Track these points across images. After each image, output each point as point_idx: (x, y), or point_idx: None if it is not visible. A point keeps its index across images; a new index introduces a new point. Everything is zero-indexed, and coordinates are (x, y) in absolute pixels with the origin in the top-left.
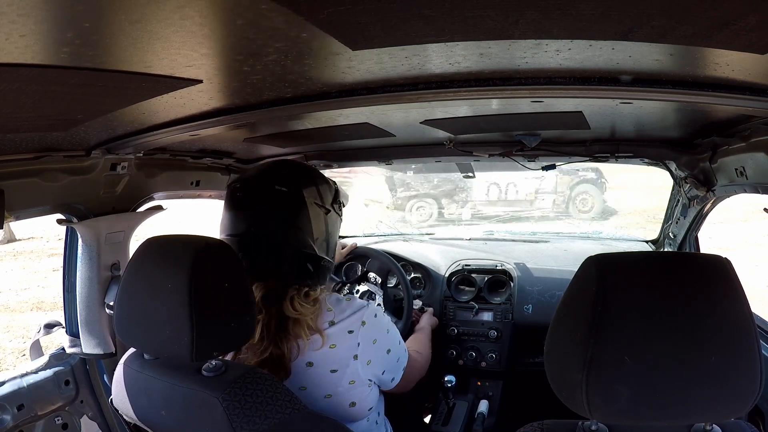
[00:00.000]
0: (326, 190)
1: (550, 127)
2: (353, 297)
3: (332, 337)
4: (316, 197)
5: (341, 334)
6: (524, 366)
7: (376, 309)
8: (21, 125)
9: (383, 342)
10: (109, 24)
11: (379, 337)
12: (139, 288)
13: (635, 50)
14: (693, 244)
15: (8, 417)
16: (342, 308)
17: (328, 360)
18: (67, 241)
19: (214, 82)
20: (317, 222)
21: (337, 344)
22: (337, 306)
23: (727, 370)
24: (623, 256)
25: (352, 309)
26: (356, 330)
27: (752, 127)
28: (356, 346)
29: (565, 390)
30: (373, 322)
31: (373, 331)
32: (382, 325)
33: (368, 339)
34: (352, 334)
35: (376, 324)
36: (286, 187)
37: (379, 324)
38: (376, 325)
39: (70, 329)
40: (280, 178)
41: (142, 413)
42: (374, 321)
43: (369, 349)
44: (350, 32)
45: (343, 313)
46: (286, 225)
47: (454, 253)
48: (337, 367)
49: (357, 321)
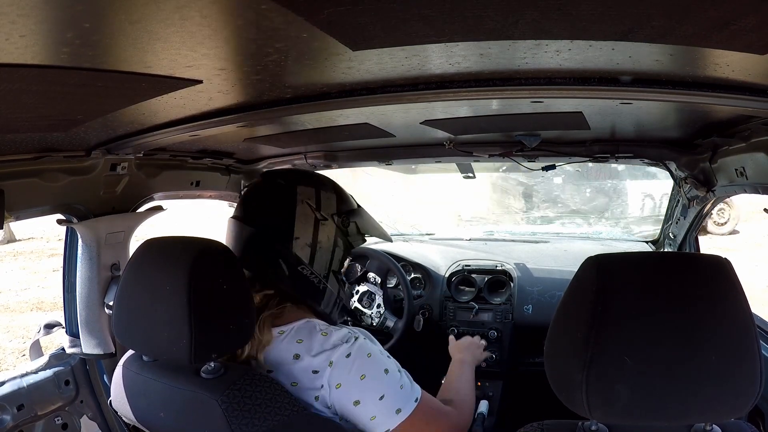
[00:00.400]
0: (330, 200)
1: (550, 127)
2: (333, 331)
3: (294, 374)
4: (311, 198)
5: (305, 373)
6: (524, 366)
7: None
8: (21, 125)
9: (351, 390)
10: (109, 24)
11: (346, 383)
12: (138, 290)
13: (635, 50)
14: (693, 244)
15: (8, 417)
16: (312, 344)
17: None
18: (67, 241)
19: (214, 82)
20: (303, 222)
21: (300, 383)
22: (309, 339)
23: (727, 370)
24: (623, 257)
25: (324, 347)
26: (321, 370)
27: (752, 127)
28: (319, 387)
29: (565, 390)
30: (343, 363)
31: (340, 374)
32: (355, 370)
33: (332, 382)
34: (316, 374)
35: (347, 366)
36: (284, 181)
37: (352, 367)
38: (346, 368)
39: (70, 329)
40: (285, 175)
41: (141, 415)
42: (345, 362)
43: (332, 394)
44: (350, 32)
45: (311, 350)
46: (268, 212)
47: (454, 253)
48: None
49: (324, 361)
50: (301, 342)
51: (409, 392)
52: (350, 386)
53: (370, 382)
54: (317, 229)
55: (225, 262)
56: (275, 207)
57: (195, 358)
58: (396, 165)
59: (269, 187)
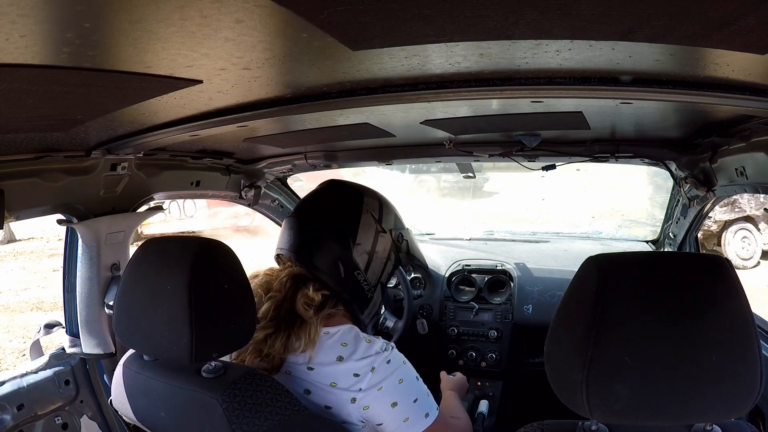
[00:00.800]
0: (389, 216)
1: (550, 127)
2: (375, 341)
3: (335, 374)
4: (375, 210)
5: (346, 374)
6: (524, 366)
7: (394, 355)
8: (21, 125)
9: (390, 392)
10: (109, 24)
11: (386, 385)
12: (139, 289)
13: (635, 50)
14: (693, 244)
15: (8, 417)
16: (355, 348)
17: (324, 396)
18: (67, 241)
19: (214, 82)
20: (365, 230)
21: (339, 384)
22: (353, 344)
23: (727, 370)
24: (623, 256)
25: (367, 352)
26: (363, 375)
27: (752, 127)
28: (358, 390)
29: (565, 390)
30: (384, 368)
31: (381, 378)
32: (395, 374)
33: (373, 384)
34: (357, 378)
35: (388, 370)
36: (351, 190)
37: (392, 372)
38: (387, 371)
39: (70, 329)
40: (352, 185)
41: (142, 414)
42: (386, 367)
43: (370, 396)
44: (350, 32)
45: (356, 353)
46: (333, 214)
47: (454, 253)
48: (332, 405)
49: (368, 366)
50: (346, 346)
51: (432, 400)
52: (390, 389)
53: (406, 387)
54: (377, 239)
55: (226, 261)
56: (343, 210)
57: (196, 357)
58: (396, 165)
59: (337, 192)
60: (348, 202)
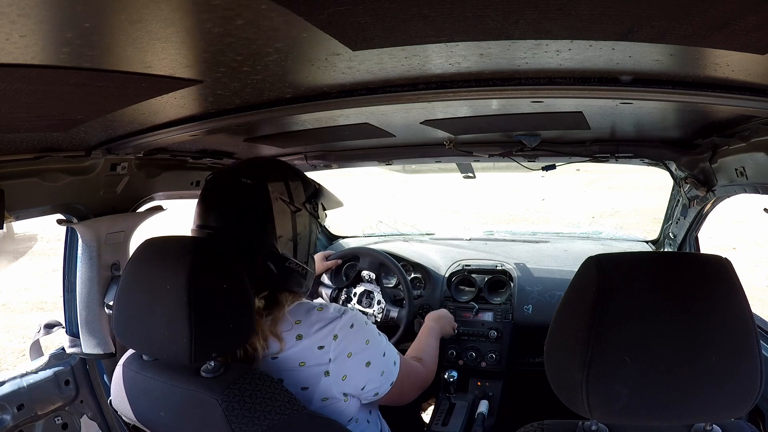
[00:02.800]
0: (298, 188)
1: (550, 127)
2: (327, 306)
3: (301, 354)
4: (283, 192)
5: (310, 350)
6: (524, 366)
7: (354, 317)
8: (21, 125)
9: (361, 355)
10: (109, 24)
11: (356, 350)
12: (138, 289)
13: (635, 50)
14: (693, 244)
15: (8, 417)
16: (311, 321)
17: (298, 378)
18: (67, 241)
19: (214, 82)
20: (281, 219)
21: (307, 362)
22: (306, 318)
23: (727, 370)
24: (623, 257)
25: (322, 321)
26: (327, 345)
27: (752, 127)
28: (327, 362)
29: (565, 390)
30: (347, 333)
31: (348, 344)
32: (360, 336)
33: (342, 353)
34: (323, 350)
35: (351, 335)
36: (252, 180)
37: (356, 335)
38: (351, 337)
39: (70, 329)
40: (248, 172)
41: (142, 414)
42: (349, 332)
43: (343, 364)
44: (350, 32)
45: (312, 326)
46: (245, 219)
47: (454, 253)
48: (307, 384)
49: (329, 335)
50: (300, 323)
51: (392, 347)
52: (359, 353)
53: (373, 345)
54: (294, 221)
55: (225, 261)
56: (252, 213)
57: (195, 357)
58: (396, 165)
59: (237, 189)
60: (254, 200)
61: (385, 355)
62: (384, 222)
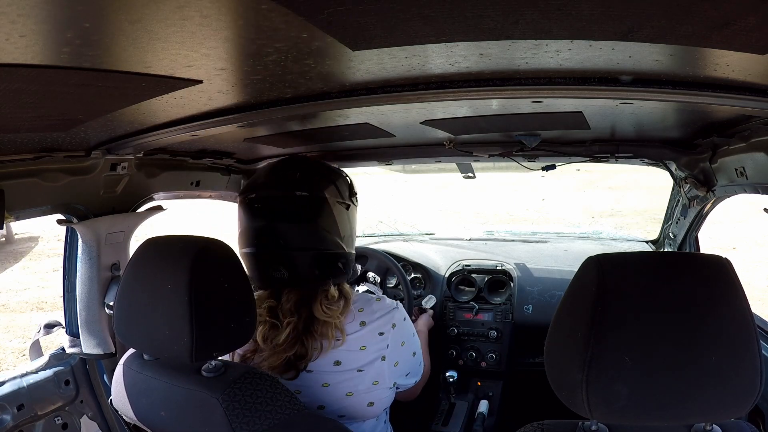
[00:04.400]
0: (343, 185)
1: (550, 127)
2: (383, 297)
3: (363, 338)
4: (337, 195)
5: (372, 335)
6: (524, 366)
7: (404, 312)
8: (21, 125)
9: (410, 345)
10: (109, 24)
11: (407, 340)
12: (139, 288)
13: (635, 50)
14: (693, 244)
15: (8, 417)
16: (373, 309)
17: (356, 360)
18: (67, 241)
19: (214, 82)
20: (342, 220)
21: (368, 346)
22: (368, 306)
23: (727, 370)
24: (623, 257)
25: (383, 310)
26: (387, 332)
27: (752, 127)
28: (385, 347)
29: (565, 390)
30: (402, 324)
31: (402, 334)
32: (409, 328)
33: (397, 341)
34: (383, 336)
35: (405, 327)
36: (307, 191)
37: (407, 327)
38: (405, 328)
39: (70, 329)
40: (299, 183)
41: (142, 414)
42: (403, 324)
43: (397, 351)
44: (350, 32)
45: (374, 314)
46: (314, 231)
47: (454, 253)
48: (364, 367)
49: (388, 323)
50: (362, 311)
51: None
52: (409, 343)
53: (415, 339)
54: (350, 217)
55: (226, 260)
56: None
57: (196, 356)
58: (396, 165)
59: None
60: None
61: (416, 354)
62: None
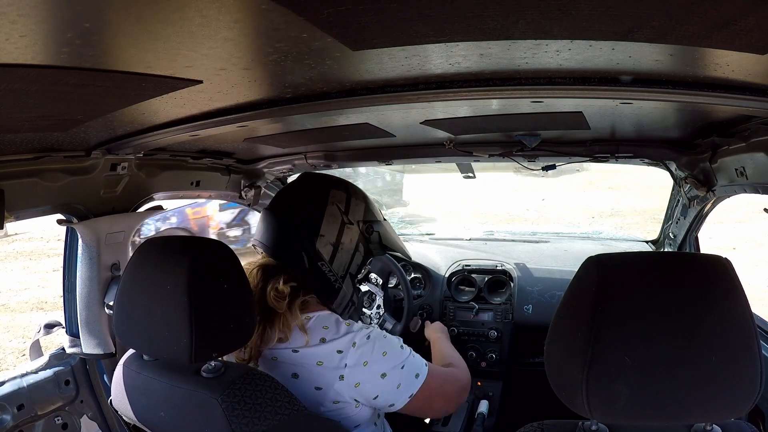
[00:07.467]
0: (358, 206)
1: (550, 127)
2: (354, 323)
3: (320, 354)
4: (342, 201)
5: (330, 352)
6: (524, 366)
7: (374, 332)
8: (21, 125)
9: (377, 366)
10: (109, 24)
11: (372, 360)
12: (138, 289)
13: (635, 50)
14: (693, 244)
15: (8, 417)
16: (338, 330)
17: (312, 376)
18: (67, 241)
19: (214, 82)
20: (330, 221)
21: (325, 362)
22: (335, 327)
23: (727, 370)
24: (623, 256)
25: (347, 331)
26: (346, 350)
27: (752, 127)
28: (343, 366)
29: (565, 390)
30: (365, 344)
31: (364, 354)
32: (377, 348)
33: (359, 361)
34: (341, 354)
35: (369, 346)
36: (319, 182)
37: (374, 346)
38: (368, 347)
39: (70, 329)
40: (322, 177)
41: (142, 414)
42: (366, 343)
43: (358, 372)
44: (350, 32)
45: (338, 333)
46: (300, 205)
47: (454, 253)
48: (321, 385)
49: (348, 342)
50: (327, 328)
51: (419, 360)
52: (376, 362)
53: (391, 357)
54: (342, 231)
55: (225, 261)
56: (307, 203)
57: (195, 357)
58: (396, 165)
59: (305, 185)
60: (314, 194)
61: (404, 368)
62: None
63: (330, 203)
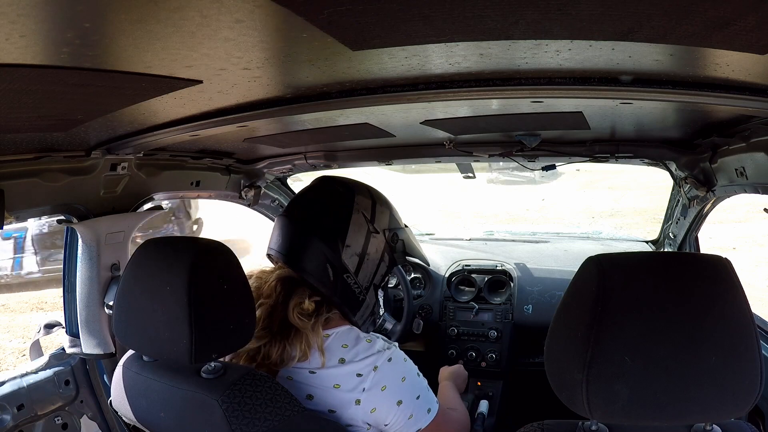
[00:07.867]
0: (383, 214)
1: (550, 127)
2: (375, 340)
3: (338, 377)
4: (367, 209)
5: (348, 375)
6: (524, 366)
7: (394, 353)
8: (21, 125)
9: (395, 391)
10: (109, 24)
11: (390, 385)
12: (138, 290)
13: (635, 50)
14: (693, 244)
15: (8, 417)
16: (357, 349)
17: (328, 398)
18: (67, 241)
19: (214, 82)
20: (356, 230)
21: (342, 385)
22: (355, 345)
23: (727, 370)
24: (623, 257)
25: (368, 351)
26: (366, 374)
27: (752, 127)
28: (362, 391)
29: (565, 390)
30: (387, 367)
31: (384, 378)
32: (397, 372)
33: (377, 385)
34: (360, 378)
35: (390, 369)
36: (343, 188)
37: (393, 370)
38: (389, 371)
39: (70, 329)
40: (344, 182)
41: (142, 415)
42: (388, 366)
43: (375, 396)
44: (350, 32)
45: (357, 355)
46: (324, 215)
47: (454, 253)
48: (336, 408)
49: (370, 365)
50: (347, 347)
51: (432, 395)
52: (394, 388)
53: (409, 384)
54: (368, 240)
55: (225, 262)
56: (331, 211)
57: (195, 358)
58: (396, 165)
59: (327, 190)
60: (338, 202)
61: (419, 399)
62: None
63: (355, 211)
